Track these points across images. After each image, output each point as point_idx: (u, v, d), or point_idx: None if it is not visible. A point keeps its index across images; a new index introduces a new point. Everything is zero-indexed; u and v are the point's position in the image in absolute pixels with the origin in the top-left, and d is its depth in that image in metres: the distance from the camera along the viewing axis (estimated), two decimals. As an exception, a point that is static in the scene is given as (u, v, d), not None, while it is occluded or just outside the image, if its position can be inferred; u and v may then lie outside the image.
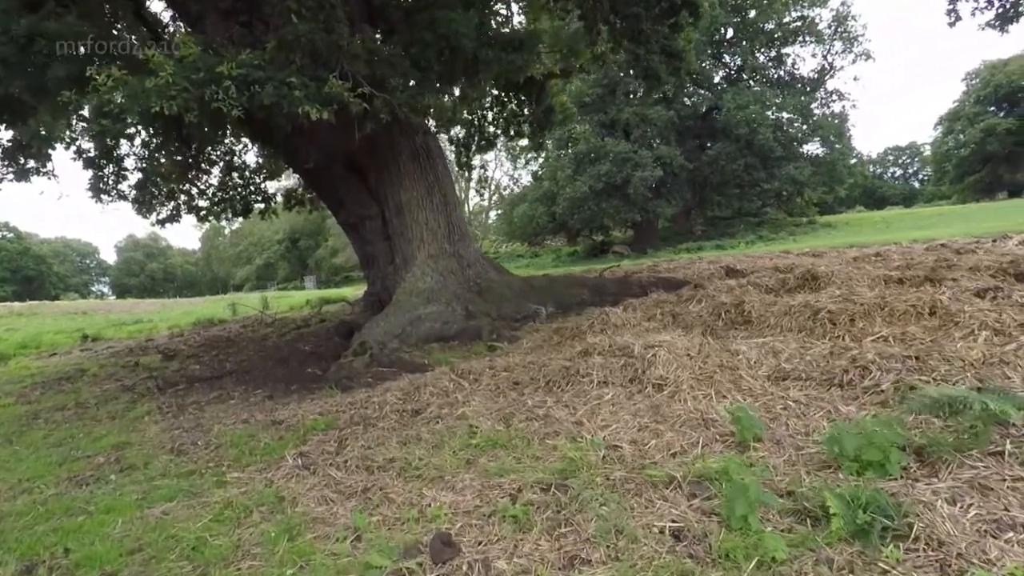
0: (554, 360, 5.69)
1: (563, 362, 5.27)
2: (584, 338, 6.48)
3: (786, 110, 32.23)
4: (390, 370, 6.91)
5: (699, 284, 6.87)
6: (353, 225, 8.91)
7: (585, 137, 31.95)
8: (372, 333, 7.51)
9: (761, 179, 31.72)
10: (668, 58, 14.08)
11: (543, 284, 8.89)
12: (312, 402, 6.11)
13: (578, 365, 5.07)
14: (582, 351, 5.28)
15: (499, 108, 19.01)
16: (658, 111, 31.37)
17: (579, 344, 6.14)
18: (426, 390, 5.55)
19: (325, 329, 11.94)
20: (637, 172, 30.35)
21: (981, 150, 39.73)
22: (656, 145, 31.33)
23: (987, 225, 17.31)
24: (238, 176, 15.60)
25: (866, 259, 7.69)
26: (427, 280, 8.26)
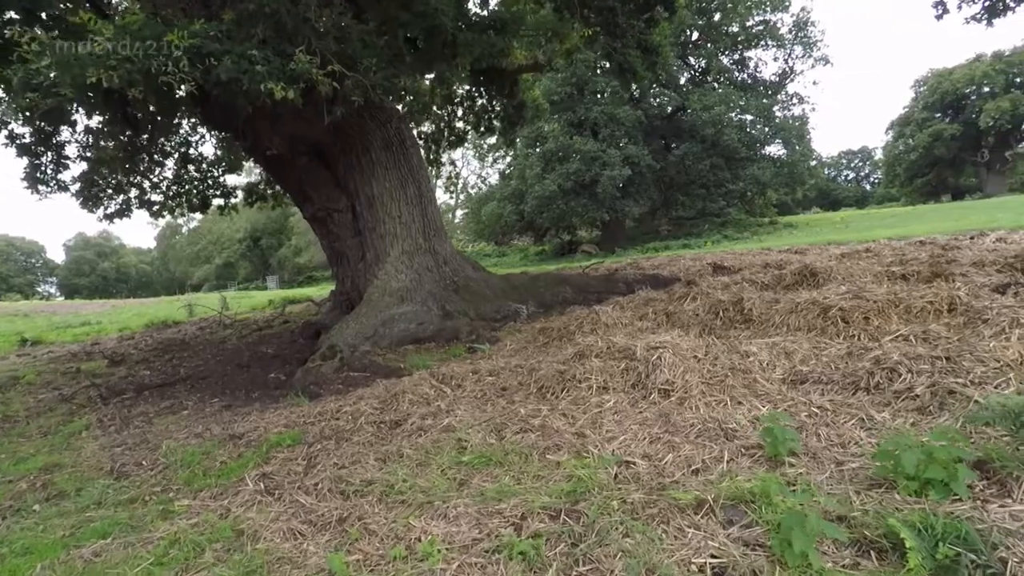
0: (545, 363, 5.21)
1: (557, 366, 4.79)
2: (573, 339, 6.02)
3: (749, 112, 32.60)
4: (362, 375, 6.31)
5: (691, 281, 6.50)
6: (320, 219, 8.24)
7: (554, 135, 31.66)
8: (342, 335, 6.89)
9: (726, 179, 32.02)
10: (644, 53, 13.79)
11: (524, 282, 8.40)
12: (276, 412, 5.47)
13: (574, 369, 4.60)
14: (577, 354, 4.80)
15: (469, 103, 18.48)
16: (626, 111, 31.31)
17: (569, 346, 5.68)
18: (405, 398, 4.99)
19: (289, 331, 11.20)
20: (606, 171, 30.22)
21: (929, 154, 41.13)
22: (624, 144, 31.26)
23: (945, 225, 17.64)
24: (195, 169, 14.61)
25: (856, 255, 7.49)
26: (401, 278, 7.67)
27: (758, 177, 31.61)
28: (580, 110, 32.43)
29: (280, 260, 56.13)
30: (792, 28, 33.63)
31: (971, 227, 14.92)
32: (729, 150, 30.53)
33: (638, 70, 13.56)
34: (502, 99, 16.46)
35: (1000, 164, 40.24)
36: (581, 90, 33.04)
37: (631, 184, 31.75)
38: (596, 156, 30.53)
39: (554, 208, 32.31)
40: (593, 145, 30.95)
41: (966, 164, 42.24)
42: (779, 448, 3.03)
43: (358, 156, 7.79)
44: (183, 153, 14.04)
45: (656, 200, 34.60)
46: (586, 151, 30.37)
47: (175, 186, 14.42)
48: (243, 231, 57.22)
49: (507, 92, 16.00)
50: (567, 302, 7.92)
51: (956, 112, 41.00)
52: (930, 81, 41.96)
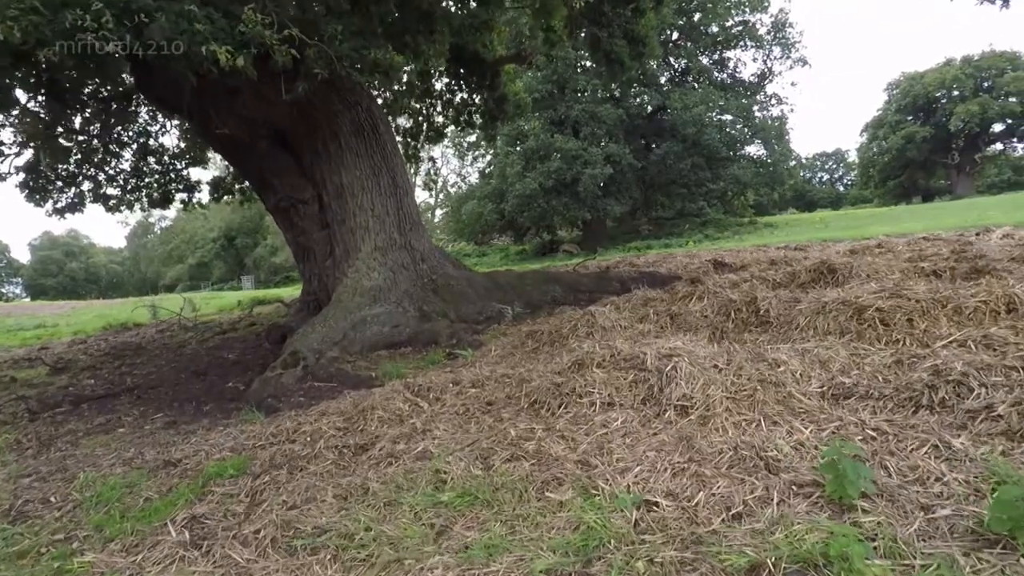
0: (537, 373, 4.50)
1: (552, 377, 4.08)
2: (566, 344, 5.32)
3: (729, 112, 32.35)
4: (328, 386, 5.53)
5: (694, 279, 5.84)
6: (284, 211, 7.39)
7: (535, 133, 31.00)
8: (306, 340, 6.10)
9: (707, 179, 31.70)
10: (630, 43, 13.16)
11: (509, 280, 7.67)
12: (225, 431, 4.67)
13: (573, 381, 3.89)
14: (575, 363, 4.10)
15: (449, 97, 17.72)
16: (607, 109, 30.80)
17: (564, 353, 4.97)
18: (374, 415, 4.23)
19: (255, 334, 10.33)
20: (587, 170, 29.66)
21: (902, 156, 41.46)
22: (605, 143, 30.76)
23: (933, 223, 17.40)
24: (155, 161, 13.60)
25: (867, 251, 6.92)
26: (373, 276, 6.90)
27: (739, 177, 31.35)
28: (561, 108, 31.85)
29: (256, 260, 54.55)
30: (771, 29, 33.48)
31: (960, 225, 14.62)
32: (710, 150, 30.23)
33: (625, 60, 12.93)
34: (483, 92, 15.77)
35: (969, 166, 40.77)
36: (562, 88, 32.47)
37: (612, 183, 31.25)
38: (577, 155, 29.98)
39: (535, 207, 31.68)
40: (574, 144, 30.38)
41: (937, 166, 42.71)
42: (846, 488, 2.36)
43: (325, 142, 6.98)
44: (142, 144, 13.02)
45: (637, 200, 34.19)
46: (567, 149, 29.80)
47: (133, 179, 13.38)
48: (217, 230, 55.51)
49: (489, 83, 15.28)
50: (556, 302, 7.23)
51: (927, 115, 41.40)
52: (902, 84, 42.31)
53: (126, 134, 12.76)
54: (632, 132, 33.58)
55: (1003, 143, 40.63)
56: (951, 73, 38.88)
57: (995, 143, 40.82)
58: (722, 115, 33.12)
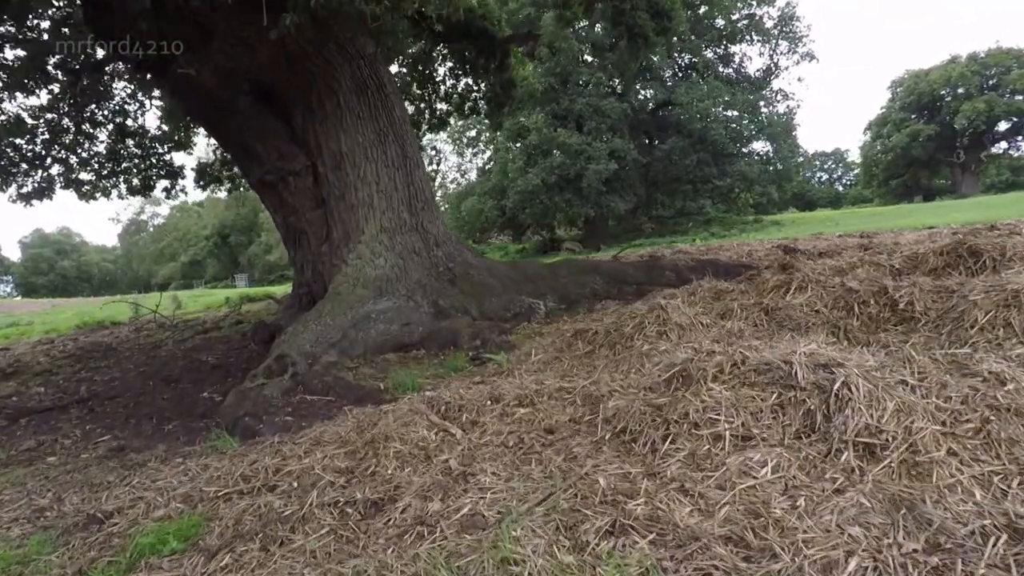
0: (609, 387, 3.27)
1: (643, 395, 2.85)
2: (631, 345, 4.08)
3: (735, 107, 31.28)
4: (324, 400, 4.27)
5: (786, 265, 4.61)
6: (271, 185, 6.08)
7: (537, 128, 29.78)
8: (296, 341, 4.83)
9: (713, 175, 30.57)
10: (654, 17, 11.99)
11: (540, 271, 6.39)
12: (183, 465, 3.40)
13: (682, 402, 2.65)
14: (676, 374, 2.87)
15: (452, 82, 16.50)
16: (611, 103, 29.65)
17: (635, 357, 3.75)
18: (388, 447, 2.98)
19: (241, 333, 9.03)
20: (591, 165, 28.47)
21: (906, 155, 40.47)
22: (609, 138, 29.60)
23: (933, 220, 16.40)
24: (134, 144, 12.28)
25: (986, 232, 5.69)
26: (379, 263, 5.65)
27: (745, 174, 30.26)
28: (564, 102, 30.66)
29: (250, 258, 53.08)
30: (777, 23, 32.41)
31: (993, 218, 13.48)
32: (716, 145, 29.13)
33: (649, 35, 11.73)
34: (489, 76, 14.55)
35: (975, 165, 39.85)
36: (565, 82, 31.27)
37: (616, 179, 30.11)
38: (581, 150, 28.80)
39: (537, 204, 30.49)
40: (578, 138, 29.21)
41: (941, 165, 41.78)
42: None
43: (320, 99, 5.69)
44: (119, 124, 11.69)
45: (641, 197, 33.05)
46: (571, 144, 28.62)
47: (110, 163, 12.06)
48: (210, 228, 54.02)
49: (497, 64, 14.05)
50: (597, 296, 6.01)
51: (931, 113, 40.46)
52: (907, 82, 41.33)
53: (100, 113, 11.43)
54: (636, 127, 32.46)
55: (1008, 142, 39.79)
56: (956, 70, 37.92)
57: (1000, 141, 39.95)
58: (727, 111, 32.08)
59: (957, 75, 38.14)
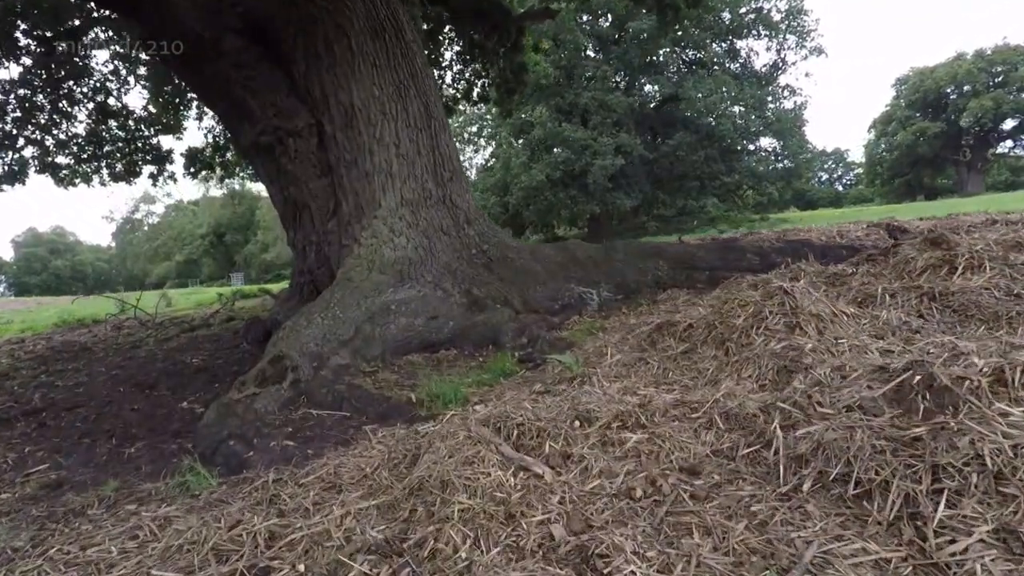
0: (742, 398, 2.19)
1: (872, 422, 1.74)
2: (750, 341, 3.00)
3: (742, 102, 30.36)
4: (335, 416, 3.18)
5: (938, 240, 3.53)
6: (266, 150, 4.90)
7: (541, 122, 28.74)
8: (298, 338, 3.73)
9: (721, 172, 29.61)
10: (686, -13, 10.99)
11: (591, 255, 5.26)
12: (131, 520, 2.29)
13: (959, 435, 1.55)
14: (910, 386, 1.76)
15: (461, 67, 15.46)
16: (617, 97, 28.66)
17: (760, 357, 2.68)
18: (447, 501, 1.88)
19: (232, 331, 7.91)
20: (597, 160, 27.45)
21: (912, 153, 39.59)
22: (615, 133, 28.60)
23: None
24: (117, 125, 11.13)
25: None
26: (399, 243, 4.55)
27: (754, 170, 29.33)
28: (569, 96, 29.64)
29: (247, 257, 51.77)
30: (785, 16, 31.50)
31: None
32: (725, 141, 28.22)
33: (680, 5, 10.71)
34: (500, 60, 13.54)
35: (981, 163, 39.03)
36: (570, 75, 30.27)
37: (622, 176, 29.12)
38: (587, 145, 27.80)
39: (541, 200, 29.46)
40: (583, 133, 28.21)
41: (946, 164, 40.94)
42: None
43: (328, 42, 4.55)
44: (99, 103, 10.54)
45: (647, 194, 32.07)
46: (576, 139, 27.61)
47: (90, 146, 10.91)
48: (206, 226, 52.73)
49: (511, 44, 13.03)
50: (660, 284, 4.94)
51: (937, 111, 39.59)
52: (912, 79, 40.42)
53: (79, 90, 10.28)
54: (641, 123, 31.50)
55: (1014, 140, 38.95)
56: (963, 67, 37.03)
57: (1006, 140, 39.13)
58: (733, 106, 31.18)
59: (964, 72, 37.31)
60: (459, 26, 13.55)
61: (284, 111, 4.72)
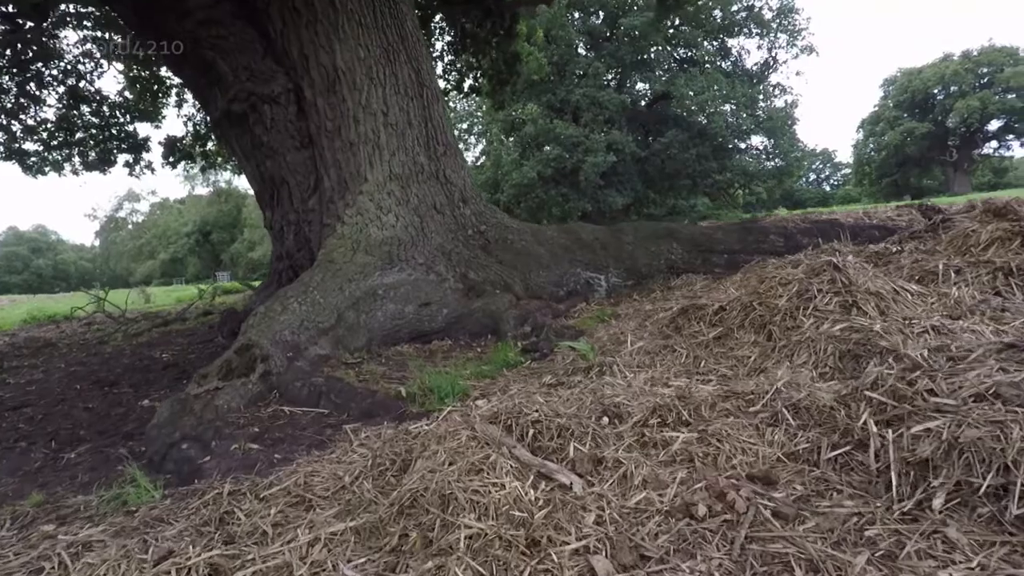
0: (808, 388, 1.73)
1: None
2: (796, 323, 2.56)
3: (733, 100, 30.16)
4: (311, 413, 2.69)
5: (1003, 210, 3.10)
6: (239, 118, 4.37)
7: (533, 119, 28.33)
8: (271, 325, 3.24)
9: (713, 170, 29.36)
10: (686, -30, 10.65)
11: (598, 236, 4.78)
12: (43, 544, 1.79)
13: None
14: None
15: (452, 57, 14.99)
16: (609, 94, 28.37)
17: (816, 341, 2.24)
18: (451, 523, 1.40)
19: (208, 325, 7.37)
20: (589, 158, 27.11)
21: (900, 153, 39.65)
22: (607, 131, 28.28)
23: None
24: (90, 111, 10.53)
25: None
26: (388, 221, 4.06)
27: (745, 168, 29.12)
28: (561, 92, 29.28)
29: (233, 256, 50.80)
30: (776, 14, 31.35)
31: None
32: (717, 139, 27.99)
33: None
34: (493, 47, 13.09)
35: (967, 164, 39.17)
36: (562, 71, 29.90)
37: (614, 173, 28.82)
38: (578, 141, 27.46)
39: (532, 197, 29.06)
40: (575, 130, 27.86)
41: (933, 164, 41.06)
42: None
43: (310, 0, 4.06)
44: (71, 87, 9.94)
45: (639, 191, 31.77)
46: (568, 136, 27.25)
47: (61, 133, 10.30)
48: (191, 224, 51.73)
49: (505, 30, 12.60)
50: (674, 268, 4.50)
51: (924, 111, 39.71)
52: (899, 80, 40.52)
53: (48, 72, 9.67)
54: (633, 120, 31.21)
55: (999, 141, 39.12)
56: (950, 68, 37.15)
57: (992, 140, 39.30)
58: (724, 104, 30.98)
59: (951, 73, 37.46)
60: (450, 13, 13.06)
61: (259, 75, 4.21)
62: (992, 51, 36.78)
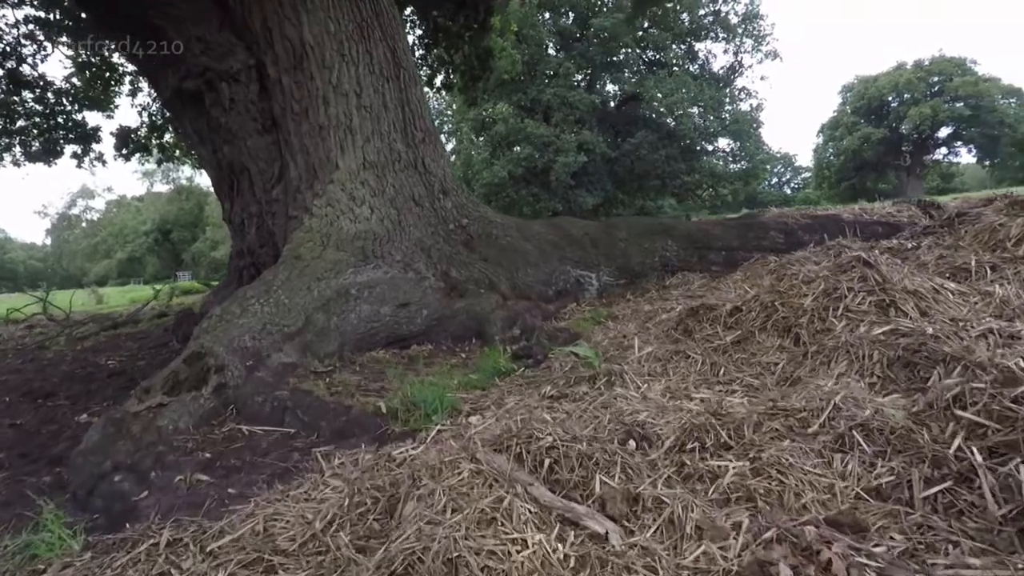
0: (881, 406, 1.43)
1: None
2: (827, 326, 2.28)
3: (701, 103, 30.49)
4: (273, 435, 2.28)
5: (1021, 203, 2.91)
6: (193, 97, 3.86)
7: (504, 118, 28.07)
8: (228, 330, 2.81)
9: (681, 171, 29.61)
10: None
11: (589, 232, 4.41)
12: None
13: None
14: None
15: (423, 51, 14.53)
16: (579, 94, 28.34)
17: (858, 346, 1.95)
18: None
19: (163, 327, 6.79)
20: (560, 157, 27.01)
21: (857, 158, 40.78)
22: (578, 131, 28.25)
23: None
24: (33, 98, 9.70)
25: None
26: (361, 213, 3.64)
27: (713, 170, 29.48)
28: (532, 91, 29.08)
29: (194, 255, 48.90)
30: (742, 19, 31.86)
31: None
32: (685, 140, 28.25)
33: (659, -13, 10.11)
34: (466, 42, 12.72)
35: (920, 169, 40.54)
36: (532, 71, 29.72)
37: (584, 173, 28.81)
38: (549, 141, 27.33)
39: (503, 197, 28.82)
40: (546, 130, 27.72)
41: (888, 168, 42.36)
42: None
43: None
44: (11, 70, 9.11)
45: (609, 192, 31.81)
46: (539, 135, 27.10)
47: (1, 120, 9.45)
48: (150, 223, 49.63)
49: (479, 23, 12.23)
50: (669, 267, 4.20)
51: (880, 118, 40.97)
52: (857, 87, 41.73)
53: (-16, 53, 8.83)
54: (603, 121, 31.24)
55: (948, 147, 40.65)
56: (904, 77, 38.41)
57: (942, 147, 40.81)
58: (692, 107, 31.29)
59: (904, 81, 38.73)
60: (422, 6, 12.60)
61: (215, 48, 3.71)
62: (943, 61, 38.18)
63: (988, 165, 42.74)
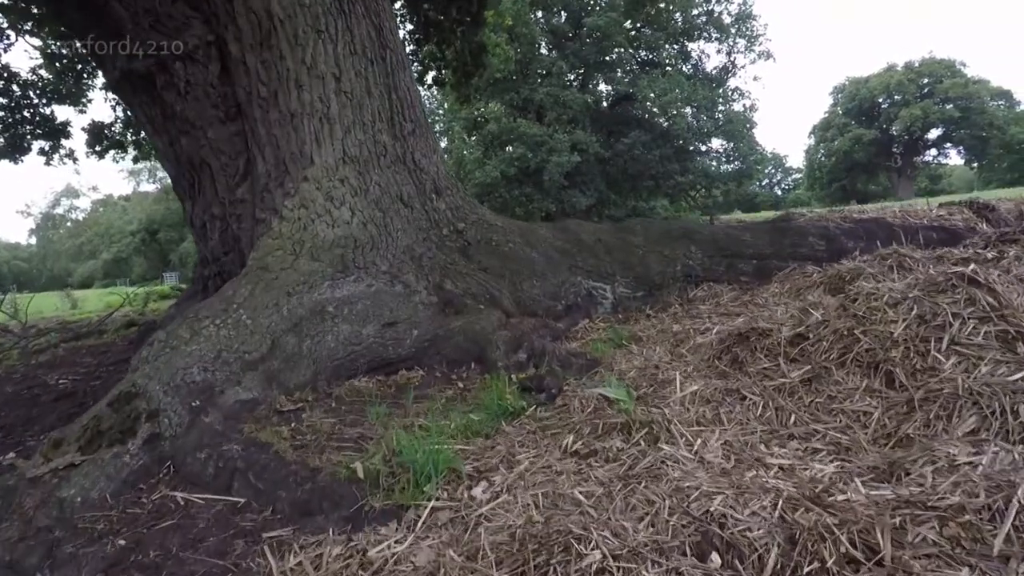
0: None
1: None
2: (929, 366, 1.76)
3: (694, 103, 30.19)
4: (217, 506, 1.72)
5: None
6: (143, 80, 3.29)
7: (496, 117, 27.62)
8: (170, 361, 2.26)
9: (675, 171, 29.29)
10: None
11: (602, 237, 3.85)
12: None
13: None
14: None
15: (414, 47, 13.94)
16: (572, 93, 27.95)
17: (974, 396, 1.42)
18: None
19: (128, 339, 6.21)
20: (553, 157, 26.60)
21: (849, 159, 40.63)
22: (571, 130, 27.87)
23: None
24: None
25: None
26: (340, 216, 3.09)
27: (707, 170, 29.18)
28: (524, 91, 28.64)
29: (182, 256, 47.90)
30: (735, 20, 31.61)
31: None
32: (679, 140, 27.93)
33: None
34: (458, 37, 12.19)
35: (910, 169, 40.46)
36: (525, 70, 29.28)
37: (578, 173, 28.43)
38: (542, 141, 26.94)
39: (496, 197, 28.35)
40: (539, 129, 27.31)
41: (879, 169, 42.26)
42: None
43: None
44: (-28, 61, 8.44)
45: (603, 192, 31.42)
46: (532, 135, 26.68)
47: (-38, 114, 8.77)
48: (137, 223, 48.56)
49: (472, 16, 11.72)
50: (692, 277, 3.69)
51: (871, 119, 40.86)
52: (848, 88, 41.57)
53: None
54: (596, 121, 30.86)
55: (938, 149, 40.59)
56: (894, 78, 38.28)
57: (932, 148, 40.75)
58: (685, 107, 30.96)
59: (895, 83, 38.62)
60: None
61: (166, 21, 3.14)
62: (932, 63, 38.11)
63: (976, 167, 42.80)
